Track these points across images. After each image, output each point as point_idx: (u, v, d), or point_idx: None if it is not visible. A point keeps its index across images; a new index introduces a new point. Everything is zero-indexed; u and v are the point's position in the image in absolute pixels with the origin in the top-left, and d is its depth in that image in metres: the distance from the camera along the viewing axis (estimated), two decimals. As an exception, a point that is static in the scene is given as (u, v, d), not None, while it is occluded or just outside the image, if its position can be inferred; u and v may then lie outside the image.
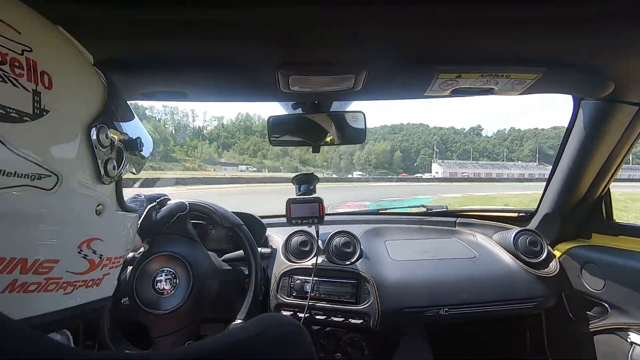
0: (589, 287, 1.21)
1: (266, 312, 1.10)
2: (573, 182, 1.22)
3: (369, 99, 1.07)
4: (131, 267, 0.93)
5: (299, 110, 1.09)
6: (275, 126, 1.10)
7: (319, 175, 1.41)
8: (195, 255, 0.96)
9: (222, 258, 1.16)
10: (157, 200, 1.03)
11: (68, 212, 0.38)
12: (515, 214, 1.56)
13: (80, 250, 0.40)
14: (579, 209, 1.27)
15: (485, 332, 1.57)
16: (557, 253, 1.33)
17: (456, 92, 0.92)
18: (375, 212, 1.81)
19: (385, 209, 1.82)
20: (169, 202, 1.05)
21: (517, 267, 1.30)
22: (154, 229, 0.98)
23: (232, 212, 1.11)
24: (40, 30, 0.37)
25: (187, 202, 1.06)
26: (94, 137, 0.40)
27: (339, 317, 1.24)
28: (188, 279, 0.91)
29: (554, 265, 1.28)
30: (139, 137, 0.50)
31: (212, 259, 1.06)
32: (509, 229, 1.47)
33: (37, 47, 0.35)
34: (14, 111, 0.32)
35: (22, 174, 0.33)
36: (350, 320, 1.23)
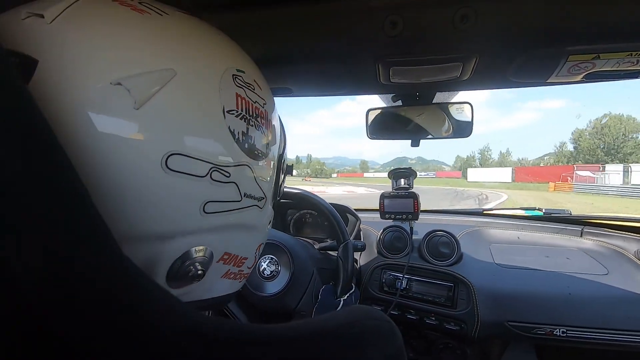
0: None
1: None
2: None
3: (478, 89, 0.97)
4: None
5: (399, 103, 1.06)
6: (374, 119, 1.09)
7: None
8: (293, 243, 1.02)
9: (317, 247, 1.21)
10: None
11: (263, 224, 0.49)
12: None
13: (256, 251, 0.50)
14: None
15: None
16: None
17: (591, 77, 0.77)
18: (479, 213, 1.66)
19: (492, 210, 1.66)
20: None
21: None
22: None
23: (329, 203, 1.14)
24: (264, 84, 0.47)
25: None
26: (280, 165, 0.52)
27: (432, 320, 1.18)
28: (289, 266, 0.96)
29: None
30: (292, 165, 0.62)
31: (308, 247, 1.11)
32: None
33: (267, 99, 0.45)
34: (260, 153, 0.42)
35: (255, 197, 0.43)
36: (444, 324, 1.16)
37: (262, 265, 0.96)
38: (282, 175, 0.53)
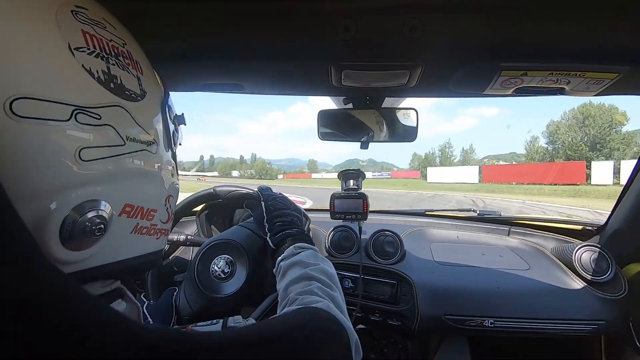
0: None
1: None
2: None
3: (423, 96, 1.03)
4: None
5: (350, 105, 1.08)
6: (325, 120, 1.10)
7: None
8: (246, 237, 0.98)
9: None
10: None
11: (162, 171, 0.47)
12: (580, 227, 1.43)
13: (165, 203, 0.48)
14: None
15: (535, 352, 1.46)
16: (628, 274, 1.19)
17: (520, 91, 0.85)
18: (422, 214, 1.76)
19: (433, 211, 1.77)
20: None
21: (577, 284, 1.18)
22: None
23: None
24: (120, 25, 0.44)
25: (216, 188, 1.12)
26: (166, 112, 0.50)
27: (376, 316, 1.22)
28: (245, 264, 0.92)
29: (621, 287, 1.15)
30: (182, 113, 0.58)
31: (262, 238, 1.08)
32: (571, 242, 1.35)
33: (127, 40, 0.43)
34: (132, 93, 0.40)
35: (141, 141, 0.41)
36: (388, 320, 1.21)
37: (215, 267, 0.92)
38: (172, 124, 0.52)
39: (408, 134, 1.08)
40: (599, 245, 1.22)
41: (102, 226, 0.36)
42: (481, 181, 43.91)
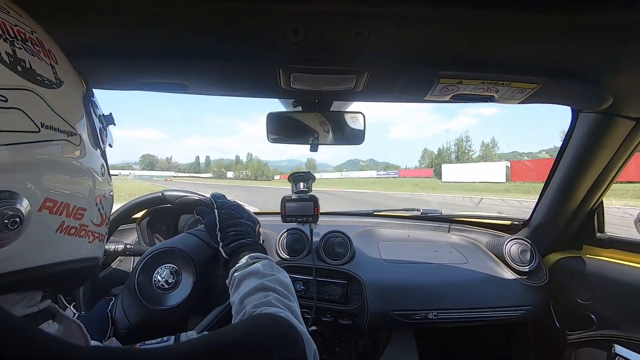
0: (577, 299, 1.22)
1: None
2: (567, 193, 1.22)
3: (370, 100, 1.06)
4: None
5: (299, 108, 1.08)
6: (274, 123, 1.09)
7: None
8: (196, 248, 0.94)
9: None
10: None
11: (89, 167, 0.44)
12: (509, 222, 1.57)
13: (97, 203, 0.45)
14: (572, 220, 1.28)
15: (473, 338, 1.59)
16: (548, 263, 1.34)
17: (456, 98, 0.91)
18: (370, 214, 1.81)
19: (380, 211, 1.83)
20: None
21: (507, 274, 1.30)
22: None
23: None
24: (28, 16, 0.41)
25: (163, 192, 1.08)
26: (89, 108, 0.47)
27: (327, 317, 1.24)
28: (191, 272, 0.87)
29: (543, 275, 1.29)
30: (110, 113, 0.55)
31: (210, 244, 1.04)
32: (502, 236, 1.48)
33: (36, 29, 0.40)
34: (46, 79, 0.38)
35: (61, 130, 0.38)
36: (339, 320, 1.23)
37: (158, 277, 0.85)
38: (98, 122, 0.49)
39: (356, 137, 1.10)
40: (525, 238, 1.36)
41: (17, 219, 0.32)
42: (509, 180, 34.60)
